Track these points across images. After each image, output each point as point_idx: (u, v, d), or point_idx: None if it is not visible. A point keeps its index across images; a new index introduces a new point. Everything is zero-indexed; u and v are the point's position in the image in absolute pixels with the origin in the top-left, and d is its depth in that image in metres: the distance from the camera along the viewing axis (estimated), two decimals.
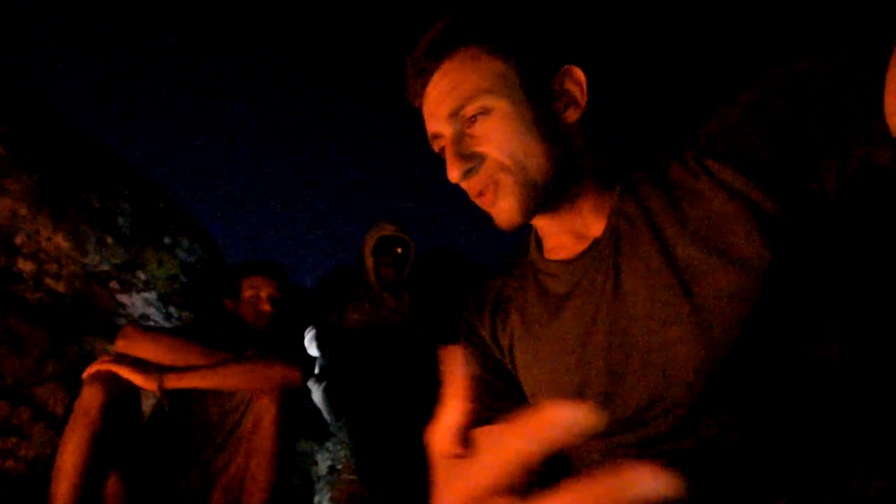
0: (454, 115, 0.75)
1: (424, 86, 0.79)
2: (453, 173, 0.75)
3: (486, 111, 0.74)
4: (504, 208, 0.76)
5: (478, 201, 0.80)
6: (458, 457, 0.34)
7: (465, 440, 0.34)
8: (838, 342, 0.65)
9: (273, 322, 2.08)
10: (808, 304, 0.65)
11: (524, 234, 0.95)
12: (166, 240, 2.65)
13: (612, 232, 0.76)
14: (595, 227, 0.79)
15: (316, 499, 2.41)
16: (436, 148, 0.82)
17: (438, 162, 0.83)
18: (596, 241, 0.77)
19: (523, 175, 0.74)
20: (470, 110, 0.74)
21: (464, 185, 0.78)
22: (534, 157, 0.74)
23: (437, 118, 0.77)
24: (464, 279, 3.35)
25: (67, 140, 2.38)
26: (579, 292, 0.78)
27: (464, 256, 3.65)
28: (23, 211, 2.00)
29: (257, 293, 2.06)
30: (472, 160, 0.75)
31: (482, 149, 0.75)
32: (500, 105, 0.74)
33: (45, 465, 1.72)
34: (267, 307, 2.06)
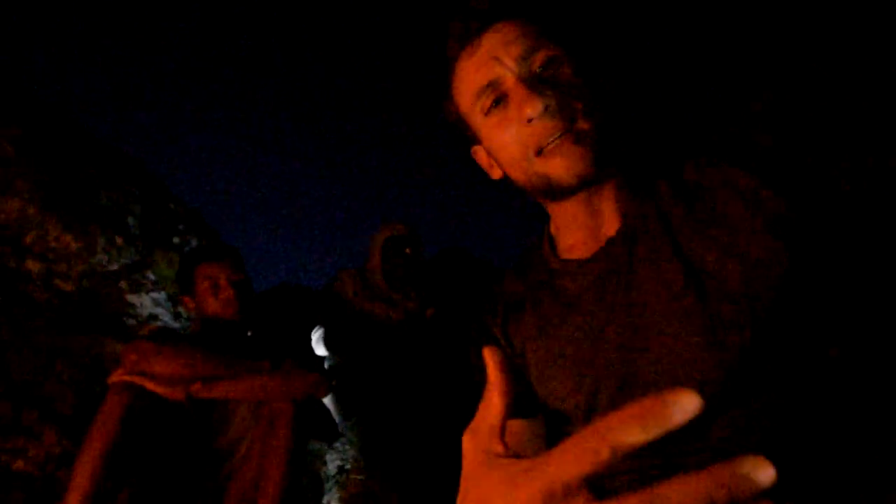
0: (524, 58, 0.71)
1: (480, 33, 0.74)
2: (535, 106, 0.68)
3: (558, 60, 0.71)
4: (580, 155, 0.70)
5: (536, 159, 0.72)
6: (497, 454, 0.34)
7: (503, 437, 0.35)
8: (838, 345, 0.66)
9: (245, 307, 1.90)
10: (813, 305, 0.65)
11: (537, 234, 0.92)
12: (175, 240, 2.62)
13: (626, 232, 0.74)
14: (610, 226, 0.77)
15: (325, 498, 2.38)
16: (483, 100, 0.75)
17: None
18: (610, 241, 0.76)
19: (603, 124, 0.71)
20: (542, 56, 0.71)
21: (530, 129, 0.71)
22: (602, 111, 0.72)
23: (500, 61, 0.72)
24: (473, 279, 3.32)
25: (77, 141, 2.36)
26: (593, 291, 0.76)
27: (473, 257, 3.62)
28: (32, 211, 1.97)
29: (214, 281, 1.85)
30: (551, 98, 0.69)
31: (559, 90, 0.70)
32: (570, 58, 0.72)
33: (54, 465, 1.69)
34: (229, 292, 1.85)
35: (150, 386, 1.53)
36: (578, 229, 0.80)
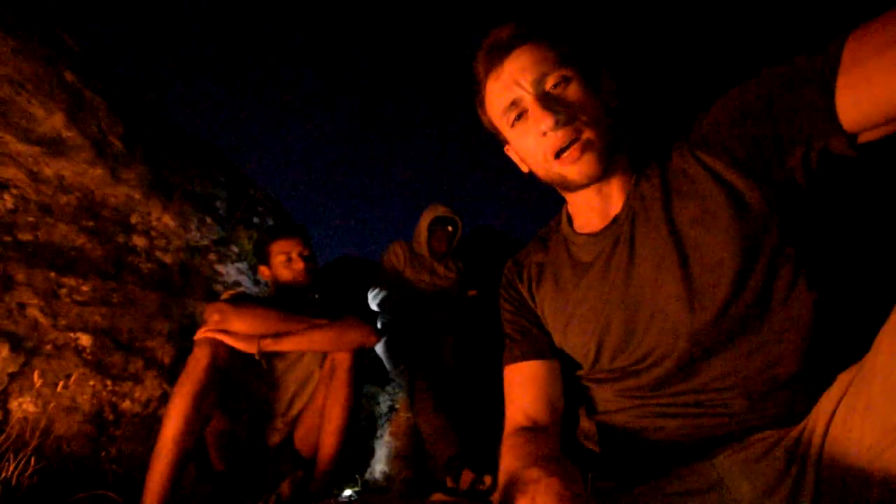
0: (538, 81, 0.72)
1: (503, 60, 0.75)
2: (546, 122, 0.69)
3: (566, 80, 0.72)
4: (588, 162, 0.72)
5: (553, 162, 0.73)
6: None
7: None
8: (812, 303, 0.65)
9: (312, 275, 1.89)
10: (785, 269, 0.66)
11: (545, 214, 0.97)
12: (255, 219, 2.59)
13: (629, 211, 0.76)
14: (616, 206, 0.78)
15: (378, 433, 2.35)
16: (506, 117, 0.77)
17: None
18: (616, 219, 0.77)
19: (603, 132, 0.72)
20: (553, 78, 0.72)
21: (547, 140, 0.72)
22: (605, 121, 0.73)
23: (519, 85, 0.73)
24: (500, 251, 3.27)
25: (174, 136, 2.33)
26: (602, 260, 0.78)
27: (500, 233, 3.56)
28: (137, 196, 1.95)
29: (288, 254, 1.85)
30: (561, 114, 0.70)
31: (569, 108, 0.71)
32: (576, 76, 0.72)
33: (156, 406, 1.68)
34: (300, 264, 1.84)
35: (228, 341, 1.49)
36: (591, 210, 0.80)
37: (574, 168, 0.72)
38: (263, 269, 1.91)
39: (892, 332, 0.52)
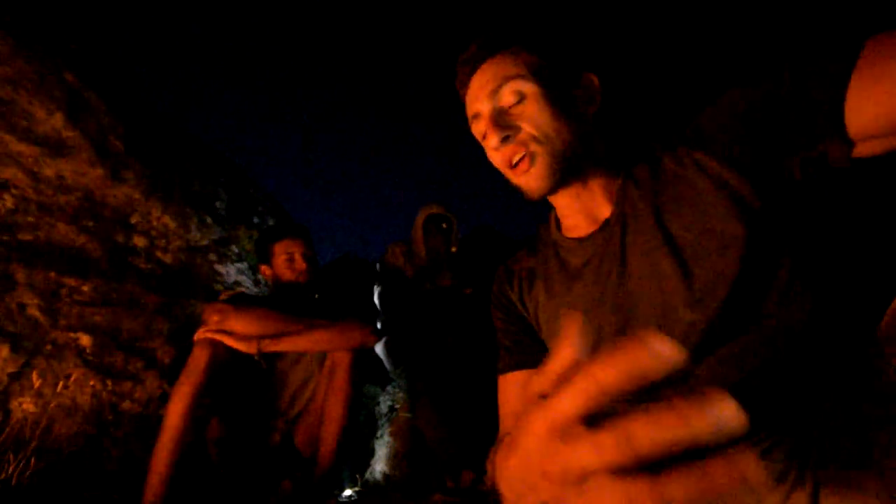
0: (493, 94, 0.74)
1: (471, 75, 0.78)
2: (493, 140, 0.73)
3: (521, 93, 0.73)
4: (535, 176, 0.74)
5: (510, 173, 0.77)
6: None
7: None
8: (809, 303, 0.65)
9: (314, 275, 1.89)
10: (782, 269, 0.65)
11: (545, 215, 0.92)
12: (255, 219, 2.59)
13: (619, 214, 0.75)
14: (604, 209, 0.78)
15: (378, 432, 2.35)
16: (475, 128, 0.80)
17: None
18: (606, 222, 0.76)
19: (552, 147, 0.73)
20: (507, 91, 0.74)
21: (500, 154, 0.75)
22: (560, 135, 0.73)
23: (479, 98, 0.76)
24: (498, 251, 3.27)
25: (174, 136, 2.33)
26: (592, 264, 0.77)
27: (498, 233, 3.55)
28: (137, 196, 1.95)
29: (291, 254, 1.85)
30: (509, 130, 0.73)
31: (518, 122, 0.73)
32: (533, 90, 0.73)
33: (155, 406, 1.68)
34: (303, 265, 1.84)
35: (228, 341, 1.50)
36: (577, 214, 0.81)
37: (523, 180, 0.75)
38: (265, 269, 1.91)
39: None
